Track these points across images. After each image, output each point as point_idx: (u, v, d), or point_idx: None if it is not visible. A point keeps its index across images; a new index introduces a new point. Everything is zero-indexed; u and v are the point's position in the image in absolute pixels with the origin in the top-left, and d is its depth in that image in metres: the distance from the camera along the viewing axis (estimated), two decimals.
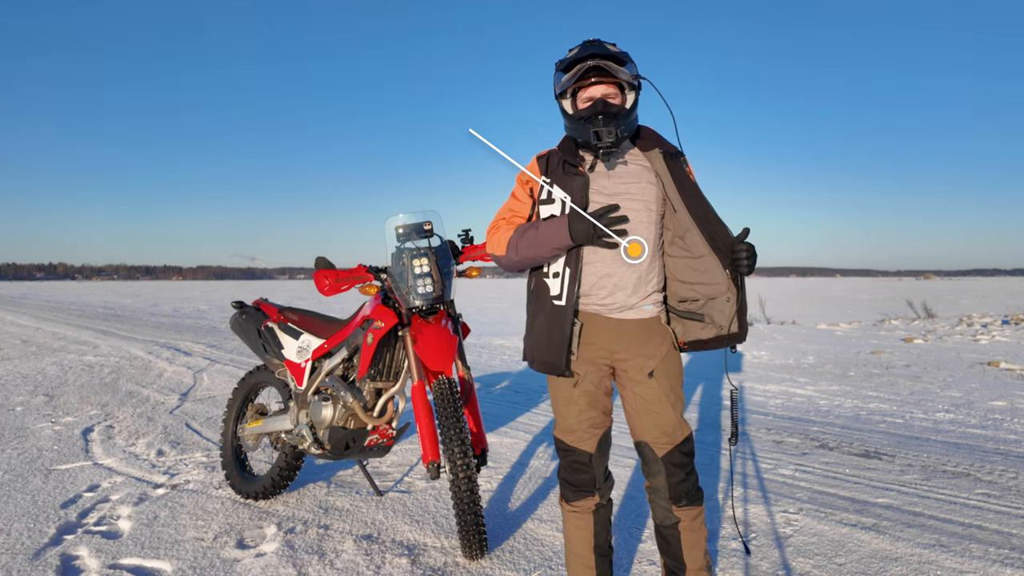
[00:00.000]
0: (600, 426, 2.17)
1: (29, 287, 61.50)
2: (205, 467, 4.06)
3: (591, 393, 2.14)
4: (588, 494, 2.17)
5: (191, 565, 2.75)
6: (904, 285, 60.87)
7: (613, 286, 2.08)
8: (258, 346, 3.60)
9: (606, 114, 2.01)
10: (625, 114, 2.04)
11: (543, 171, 2.19)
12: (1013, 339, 9.88)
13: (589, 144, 2.07)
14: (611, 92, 2.06)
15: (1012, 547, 2.79)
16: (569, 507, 2.20)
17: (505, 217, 2.26)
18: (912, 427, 4.89)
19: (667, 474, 2.10)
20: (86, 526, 3.16)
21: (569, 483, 2.19)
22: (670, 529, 2.15)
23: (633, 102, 2.08)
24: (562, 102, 2.13)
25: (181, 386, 6.85)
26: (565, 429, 2.18)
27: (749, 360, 8.30)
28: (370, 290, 3.09)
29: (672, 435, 2.10)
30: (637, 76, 2.07)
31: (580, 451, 2.15)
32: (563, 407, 2.17)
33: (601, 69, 2.04)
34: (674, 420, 2.10)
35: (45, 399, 6.10)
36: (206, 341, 11.01)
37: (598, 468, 2.17)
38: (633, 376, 2.11)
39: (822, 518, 3.12)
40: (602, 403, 2.16)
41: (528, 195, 2.22)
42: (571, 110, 2.11)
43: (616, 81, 2.06)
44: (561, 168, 2.15)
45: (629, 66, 2.06)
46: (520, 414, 5.45)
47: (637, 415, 2.13)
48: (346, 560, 2.78)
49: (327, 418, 3.16)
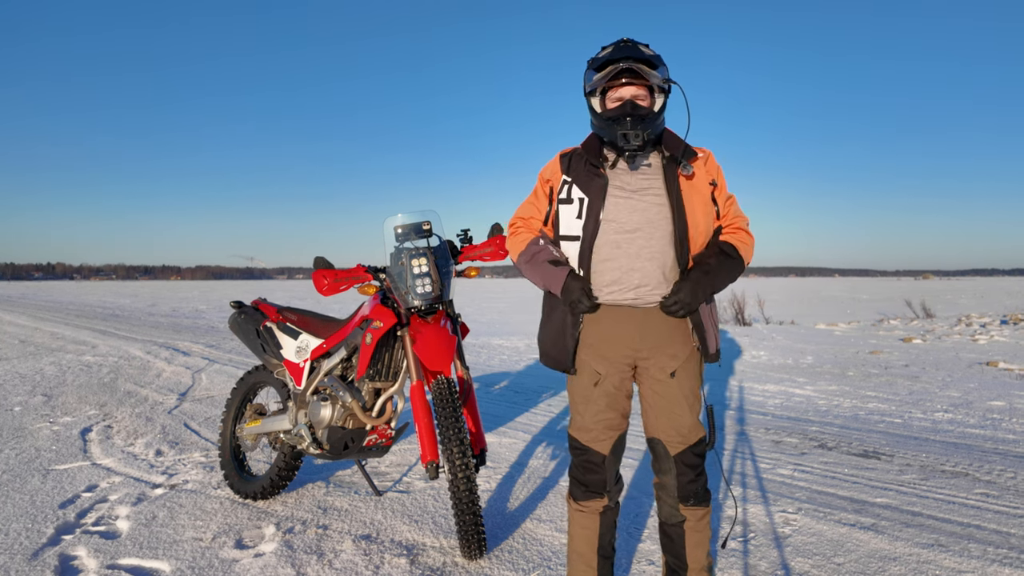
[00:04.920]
0: (617, 428, 2.15)
1: (27, 287, 61.49)
2: (204, 467, 4.06)
3: (611, 394, 2.12)
4: (597, 495, 2.16)
5: (190, 565, 2.75)
6: (903, 285, 60.94)
7: (637, 282, 2.07)
8: (257, 346, 3.60)
9: (634, 116, 2.02)
10: (653, 117, 2.05)
11: (564, 169, 2.20)
12: (1012, 339, 9.89)
13: (615, 144, 2.08)
14: (641, 94, 2.07)
15: (1011, 547, 2.79)
16: (577, 505, 2.20)
17: (524, 218, 2.30)
18: (911, 427, 4.89)
19: (678, 473, 2.11)
20: (84, 526, 3.15)
21: (579, 482, 2.18)
22: (675, 527, 2.16)
23: (662, 105, 2.09)
24: (591, 100, 2.14)
25: (180, 386, 6.84)
26: (581, 427, 2.17)
27: (748, 360, 8.30)
28: (369, 290, 3.08)
29: (687, 436, 2.10)
30: (668, 80, 2.08)
31: (594, 452, 2.14)
32: (581, 405, 2.17)
33: (633, 71, 2.05)
34: (691, 422, 2.11)
35: (43, 399, 6.10)
36: (205, 341, 11.00)
37: (610, 470, 2.16)
38: (654, 375, 2.11)
39: (821, 518, 3.12)
40: (621, 405, 2.15)
41: (546, 195, 2.24)
42: (599, 108, 2.12)
43: (646, 83, 2.07)
44: (583, 167, 2.16)
45: (661, 69, 2.06)
46: (519, 414, 5.44)
47: (654, 413, 2.13)
48: (345, 560, 2.78)
49: (326, 418, 3.16)
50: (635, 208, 2.07)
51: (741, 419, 5.17)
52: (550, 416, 5.36)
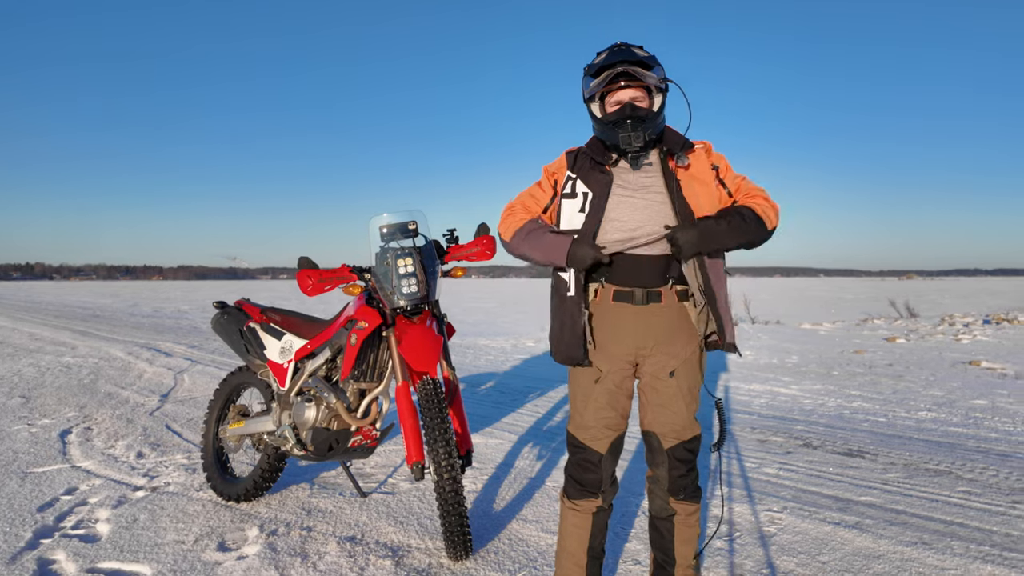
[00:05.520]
0: (616, 428, 2.17)
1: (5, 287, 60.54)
2: (186, 469, 4.01)
3: (612, 392, 2.14)
4: (592, 495, 2.18)
5: (171, 568, 2.71)
6: (887, 285, 61.58)
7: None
8: (240, 347, 3.56)
9: (634, 118, 2.04)
10: (652, 117, 2.07)
11: (570, 166, 2.23)
12: (994, 338, 10.02)
13: (617, 146, 2.10)
14: (639, 96, 2.10)
15: (992, 544, 2.81)
16: (570, 504, 2.21)
17: (524, 202, 2.30)
18: (895, 426, 4.93)
19: (669, 467, 2.13)
20: (63, 529, 3.10)
21: (575, 480, 2.19)
22: (665, 521, 2.18)
23: (660, 105, 2.11)
24: (591, 106, 2.17)
25: (161, 387, 6.76)
26: (580, 425, 2.18)
27: (734, 360, 8.35)
28: (354, 290, 3.06)
29: (681, 433, 2.12)
30: (664, 79, 2.10)
31: (591, 450, 2.16)
32: (581, 402, 2.18)
33: (629, 74, 2.07)
34: (686, 420, 2.13)
35: (21, 401, 6.00)
36: (187, 342, 10.89)
37: (606, 470, 2.17)
38: (654, 372, 2.12)
39: (806, 516, 3.14)
40: (621, 405, 2.16)
41: (552, 187, 2.26)
42: (599, 114, 2.15)
43: (644, 85, 2.09)
44: (588, 164, 2.19)
45: (656, 70, 2.09)
46: (505, 415, 5.43)
47: (651, 408, 2.15)
48: (329, 562, 2.75)
49: (310, 419, 3.13)
50: (636, 207, 2.09)
51: (727, 418, 5.19)
52: (536, 416, 5.35)
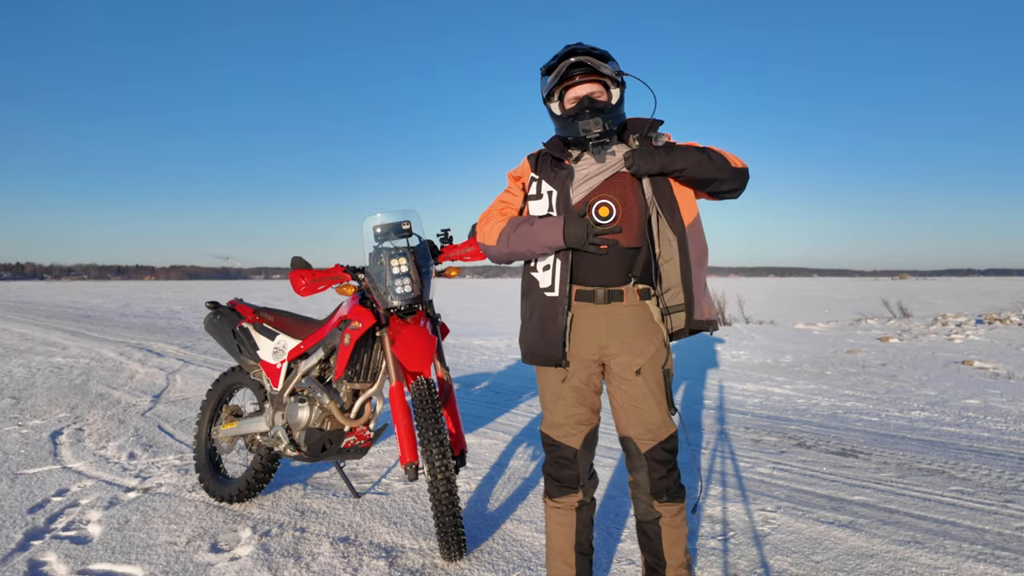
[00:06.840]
0: (587, 423, 2.17)
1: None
2: (178, 470, 3.99)
3: (579, 390, 2.15)
4: (572, 490, 2.18)
5: (163, 570, 2.69)
6: (880, 285, 61.84)
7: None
8: (233, 347, 3.54)
9: (593, 108, 2.05)
10: (611, 109, 2.08)
11: (533, 168, 2.24)
12: (987, 338, 10.07)
13: (580, 141, 2.10)
14: (596, 90, 2.10)
15: (985, 543, 2.82)
16: (552, 503, 2.21)
17: (500, 208, 2.29)
18: (888, 425, 4.95)
19: (649, 470, 2.12)
20: (54, 531, 3.08)
21: (553, 478, 2.20)
22: (651, 524, 2.17)
23: (619, 99, 2.11)
24: (550, 105, 2.17)
25: (153, 388, 6.72)
26: (551, 424, 2.19)
27: (728, 359, 8.36)
28: (347, 290, 3.05)
29: (656, 432, 2.11)
30: (620, 72, 2.11)
31: (565, 447, 2.17)
32: (551, 402, 2.19)
33: (584, 66, 2.08)
34: (659, 418, 2.11)
35: (12, 402, 5.95)
36: (179, 342, 10.84)
37: (583, 465, 2.18)
38: (620, 373, 2.12)
39: (799, 516, 3.14)
40: (590, 400, 2.17)
41: (520, 190, 2.27)
42: (559, 111, 2.15)
43: (600, 80, 2.10)
44: (548, 163, 2.20)
45: (611, 63, 2.10)
46: (499, 415, 5.42)
47: (623, 411, 2.14)
48: (323, 563, 2.74)
49: (303, 420, 3.12)
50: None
51: (721, 418, 5.19)
52: (530, 417, 5.34)
